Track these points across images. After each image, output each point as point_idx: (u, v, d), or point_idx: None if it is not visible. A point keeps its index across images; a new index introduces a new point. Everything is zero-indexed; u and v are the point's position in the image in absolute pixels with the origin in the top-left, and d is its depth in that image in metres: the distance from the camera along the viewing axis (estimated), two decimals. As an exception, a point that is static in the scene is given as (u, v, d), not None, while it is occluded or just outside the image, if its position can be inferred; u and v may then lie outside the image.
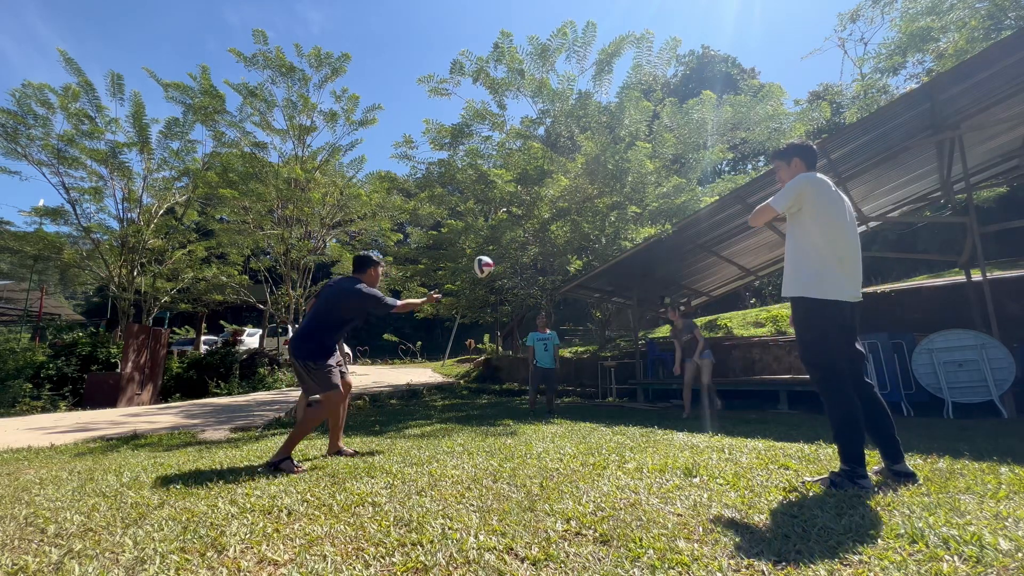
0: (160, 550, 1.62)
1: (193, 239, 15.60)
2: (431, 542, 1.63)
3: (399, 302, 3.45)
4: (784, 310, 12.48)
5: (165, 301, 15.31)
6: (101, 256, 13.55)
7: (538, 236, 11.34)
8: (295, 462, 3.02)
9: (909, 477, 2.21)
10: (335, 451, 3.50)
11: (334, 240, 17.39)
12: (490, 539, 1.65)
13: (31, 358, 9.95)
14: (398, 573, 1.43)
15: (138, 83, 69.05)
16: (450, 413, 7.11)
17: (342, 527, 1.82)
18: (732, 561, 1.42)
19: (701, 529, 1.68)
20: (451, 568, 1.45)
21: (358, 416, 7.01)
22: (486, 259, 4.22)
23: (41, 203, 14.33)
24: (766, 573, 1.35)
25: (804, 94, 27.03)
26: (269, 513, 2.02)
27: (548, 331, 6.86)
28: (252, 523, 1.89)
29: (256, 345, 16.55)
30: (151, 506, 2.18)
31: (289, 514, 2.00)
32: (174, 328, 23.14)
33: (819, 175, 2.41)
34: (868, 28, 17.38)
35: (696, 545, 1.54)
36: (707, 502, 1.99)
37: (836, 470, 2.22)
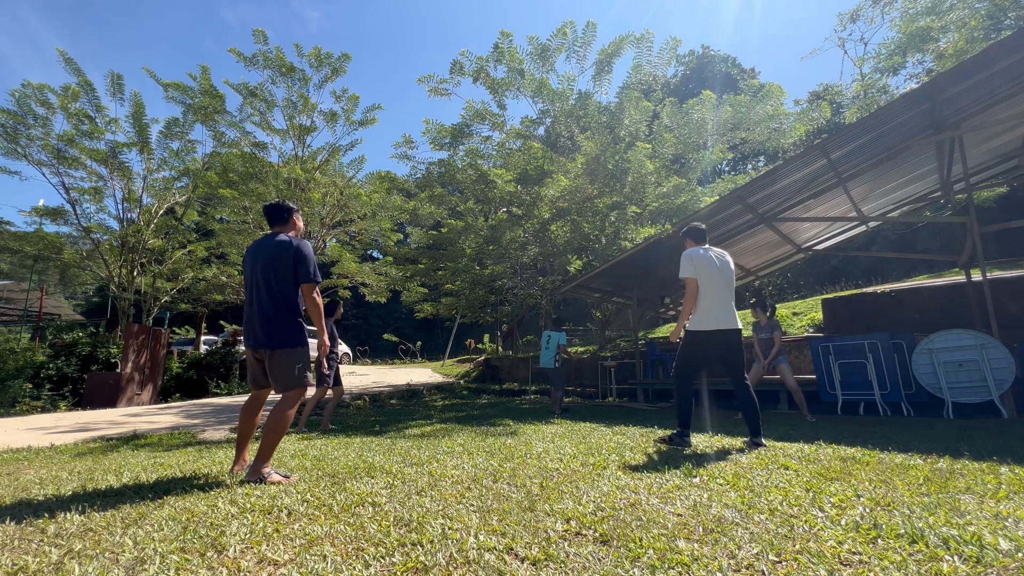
0: (160, 550, 1.62)
1: (193, 239, 15.60)
2: (431, 542, 1.63)
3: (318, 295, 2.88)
4: (784, 310, 12.50)
5: (165, 301, 15.31)
6: (101, 256, 13.55)
7: (538, 236, 11.33)
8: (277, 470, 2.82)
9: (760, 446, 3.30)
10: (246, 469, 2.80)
11: (334, 240, 17.39)
12: (490, 539, 1.65)
13: (31, 358, 9.95)
14: (398, 573, 1.43)
15: (138, 83, 69.21)
16: (450, 413, 7.11)
17: (342, 527, 1.82)
18: (732, 561, 1.42)
19: (701, 529, 1.68)
20: (451, 568, 1.44)
21: (359, 416, 7.01)
22: None
23: (41, 203, 14.35)
24: (766, 573, 1.35)
25: (804, 94, 27.05)
26: (269, 513, 2.02)
27: (550, 331, 7.03)
28: (252, 523, 1.89)
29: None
30: (151, 506, 2.18)
31: (289, 514, 2.00)
32: (174, 328, 23.14)
33: (699, 248, 3.63)
34: (868, 28, 17.41)
35: (696, 545, 1.54)
36: (707, 502, 1.99)
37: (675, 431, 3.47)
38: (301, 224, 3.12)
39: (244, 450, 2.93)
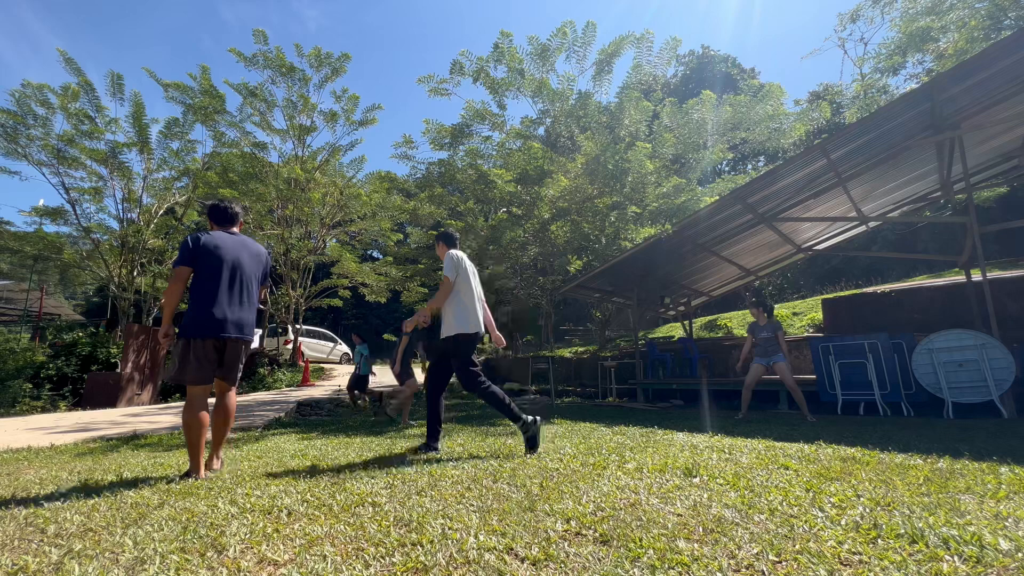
0: (160, 550, 1.62)
1: (193, 239, 15.59)
2: (431, 542, 1.63)
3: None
4: (784, 310, 12.51)
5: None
6: (101, 256, 13.56)
7: (538, 236, 11.33)
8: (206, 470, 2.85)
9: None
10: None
11: (334, 240, 17.39)
12: (490, 539, 1.64)
13: (31, 358, 9.95)
14: (398, 573, 1.43)
15: (138, 83, 69.21)
16: (450, 413, 7.11)
17: (342, 527, 1.82)
18: (732, 561, 1.42)
19: (701, 529, 1.68)
20: (451, 568, 1.44)
21: (359, 416, 7.02)
22: None
23: (41, 203, 14.36)
24: (766, 573, 1.35)
25: (804, 94, 27.07)
26: (269, 513, 2.02)
27: (363, 347, 7.83)
28: (252, 523, 1.89)
29: (256, 345, 16.55)
30: (151, 506, 2.17)
31: (289, 514, 2.00)
32: (174, 328, 23.08)
33: (458, 251, 3.63)
34: (868, 28, 17.46)
35: (696, 545, 1.54)
36: (707, 502, 1.99)
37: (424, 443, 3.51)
38: None
39: (205, 453, 2.95)
